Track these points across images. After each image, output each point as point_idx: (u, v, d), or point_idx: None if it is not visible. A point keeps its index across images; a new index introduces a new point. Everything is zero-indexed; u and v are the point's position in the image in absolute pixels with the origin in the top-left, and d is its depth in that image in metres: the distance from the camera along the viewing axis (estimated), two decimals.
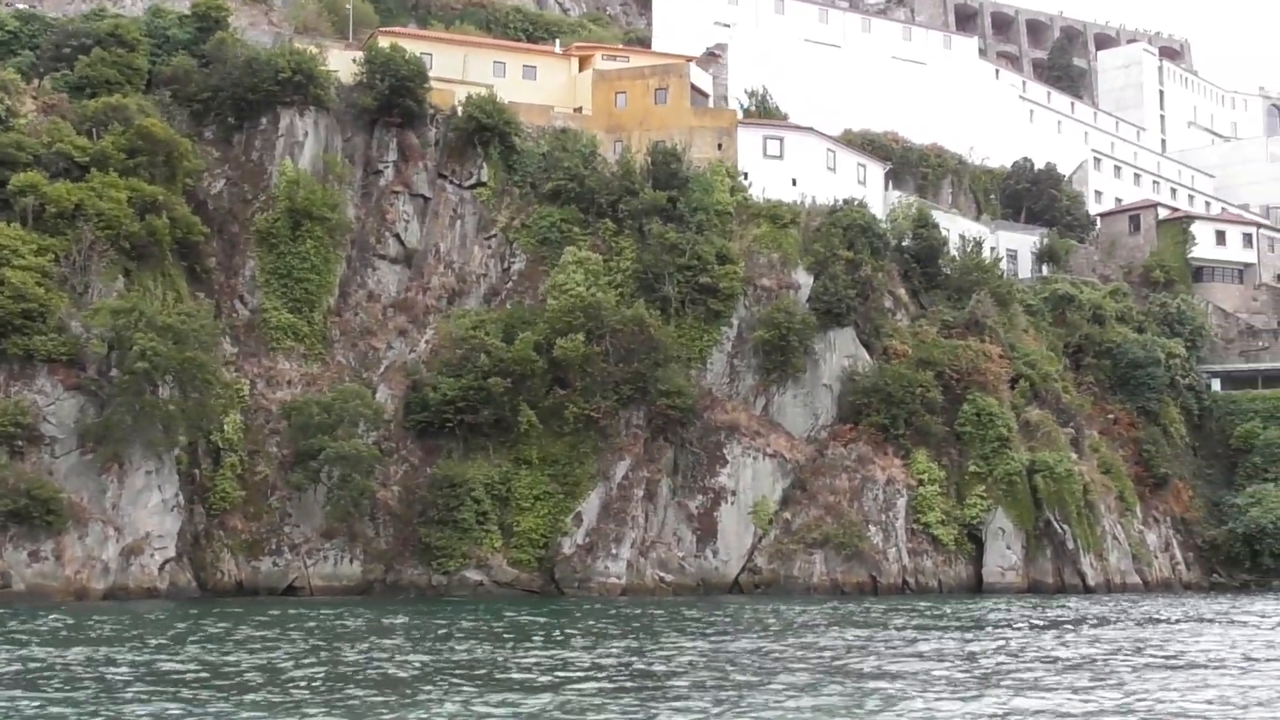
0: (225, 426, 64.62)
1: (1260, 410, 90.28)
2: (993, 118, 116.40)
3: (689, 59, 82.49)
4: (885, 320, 75.70)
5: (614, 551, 67.04)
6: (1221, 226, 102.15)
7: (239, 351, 68.34)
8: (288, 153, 71.48)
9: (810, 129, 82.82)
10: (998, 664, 31.90)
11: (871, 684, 27.51)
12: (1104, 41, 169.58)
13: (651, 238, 72.57)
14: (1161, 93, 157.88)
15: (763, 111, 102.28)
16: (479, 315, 70.90)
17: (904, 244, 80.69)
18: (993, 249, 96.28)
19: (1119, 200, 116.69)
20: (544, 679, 28.43)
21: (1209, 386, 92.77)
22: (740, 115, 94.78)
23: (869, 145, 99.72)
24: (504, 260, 75.02)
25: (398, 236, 73.88)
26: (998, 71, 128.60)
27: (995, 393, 74.10)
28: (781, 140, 79.94)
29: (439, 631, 41.15)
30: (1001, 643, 37.48)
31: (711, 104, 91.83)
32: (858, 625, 44.60)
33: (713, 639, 38.91)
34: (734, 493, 69.80)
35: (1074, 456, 74.85)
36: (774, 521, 69.67)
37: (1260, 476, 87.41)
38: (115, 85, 68.52)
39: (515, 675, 29.29)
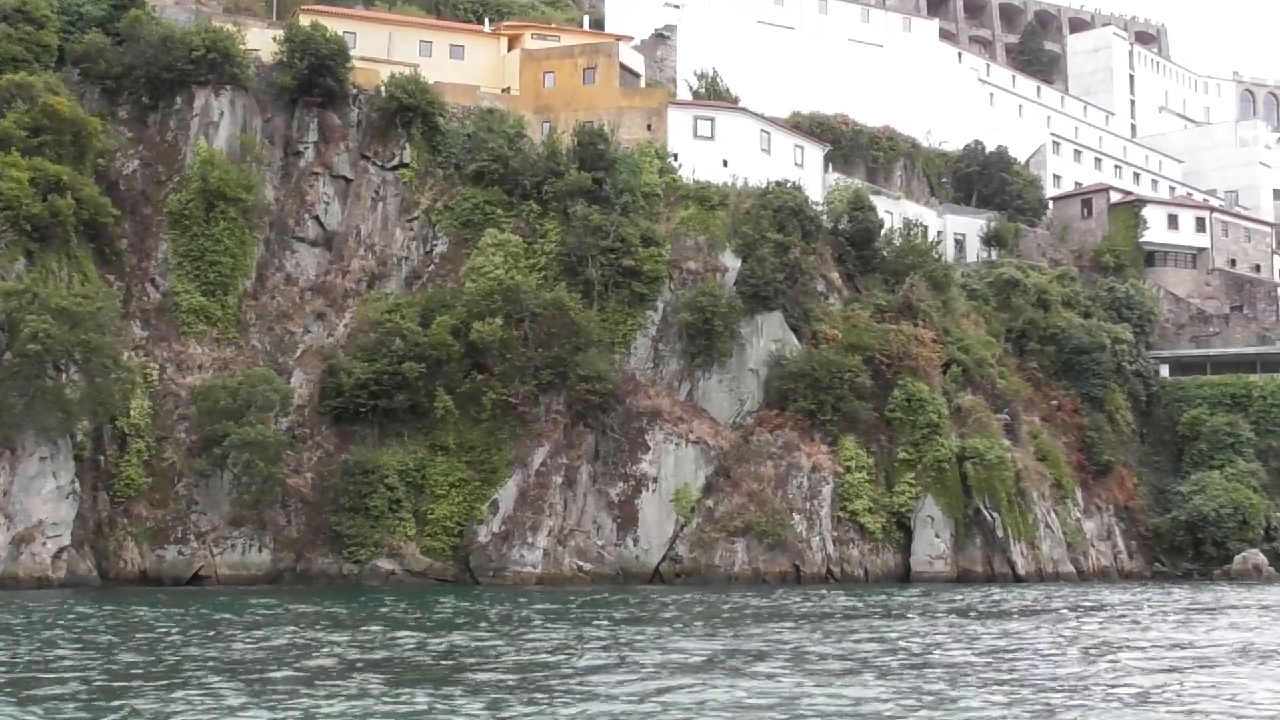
0: (131, 411, 63.18)
1: (1208, 397, 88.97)
2: (951, 101, 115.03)
3: (619, 38, 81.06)
4: (815, 304, 74.29)
5: (530, 540, 65.72)
6: (1174, 211, 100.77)
7: (149, 335, 66.97)
8: (202, 133, 70.04)
9: (743, 109, 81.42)
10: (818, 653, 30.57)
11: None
12: (1079, 26, 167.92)
13: (575, 220, 71.19)
14: (1132, 77, 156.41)
15: (712, 94, 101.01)
16: (396, 298, 69.52)
17: (840, 227, 79.17)
18: (940, 233, 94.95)
19: (1078, 184, 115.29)
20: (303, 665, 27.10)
21: (1157, 373, 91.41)
22: (691, 98, 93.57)
23: (817, 127, 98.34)
24: (426, 243, 73.63)
25: (317, 219, 72.47)
26: (960, 55, 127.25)
27: (927, 378, 72.70)
28: (713, 121, 78.41)
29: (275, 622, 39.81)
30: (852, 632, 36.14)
31: (650, 85, 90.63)
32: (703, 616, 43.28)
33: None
34: (656, 480, 68.40)
35: (1007, 443, 73.44)
36: (696, 509, 68.28)
37: (1206, 464, 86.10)
38: (22, 63, 67.01)
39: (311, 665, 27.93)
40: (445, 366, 67.12)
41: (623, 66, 77.86)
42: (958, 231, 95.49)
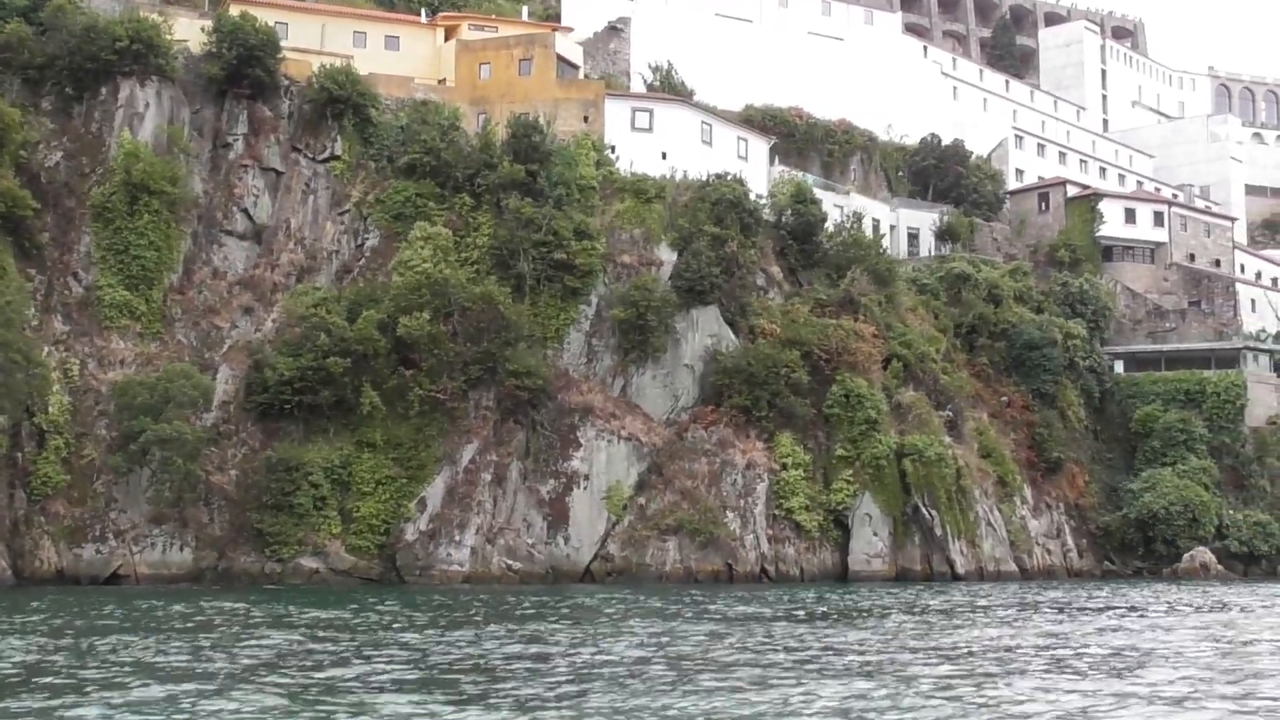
0: (50, 408, 62.01)
1: (1161, 393, 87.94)
2: (912, 95, 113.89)
3: (555, 28, 79.86)
4: (753, 298, 73.13)
5: (458, 538, 64.58)
6: (1132, 205, 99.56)
7: (70, 330, 65.66)
8: (127, 124, 68.75)
9: (683, 101, 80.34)
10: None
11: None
12: (1054, 20, 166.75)
13: (508, 213, 70.04)
14: (1104, 72, 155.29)
15: (666, 87, 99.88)
16: (322, 292, 68.29)
17: (782, 220, 78.01)
18: (892, 227, 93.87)
19: (1041, 179, 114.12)
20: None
21: (1111, 369, 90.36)
22: (645, 91, 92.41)
23: (770, 120, 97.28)
24: (357, 236, 72.44)
25: (246, 212, 71.21)
26: (926, 49, 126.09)
27: (866, 374, 71.56)
28: (651, 112, 77.28)
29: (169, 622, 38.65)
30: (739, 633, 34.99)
31: (607, 79, 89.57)
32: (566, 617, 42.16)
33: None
34: (587, 477, 67.29)
35: (948, 440, 72.33)
36: (628, 507, 67.15)
37: (1158, 461, 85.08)
38: None
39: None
40: (372, 362, 65.98)
41: (560, 58, 76.66)
42: (911, 226, 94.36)
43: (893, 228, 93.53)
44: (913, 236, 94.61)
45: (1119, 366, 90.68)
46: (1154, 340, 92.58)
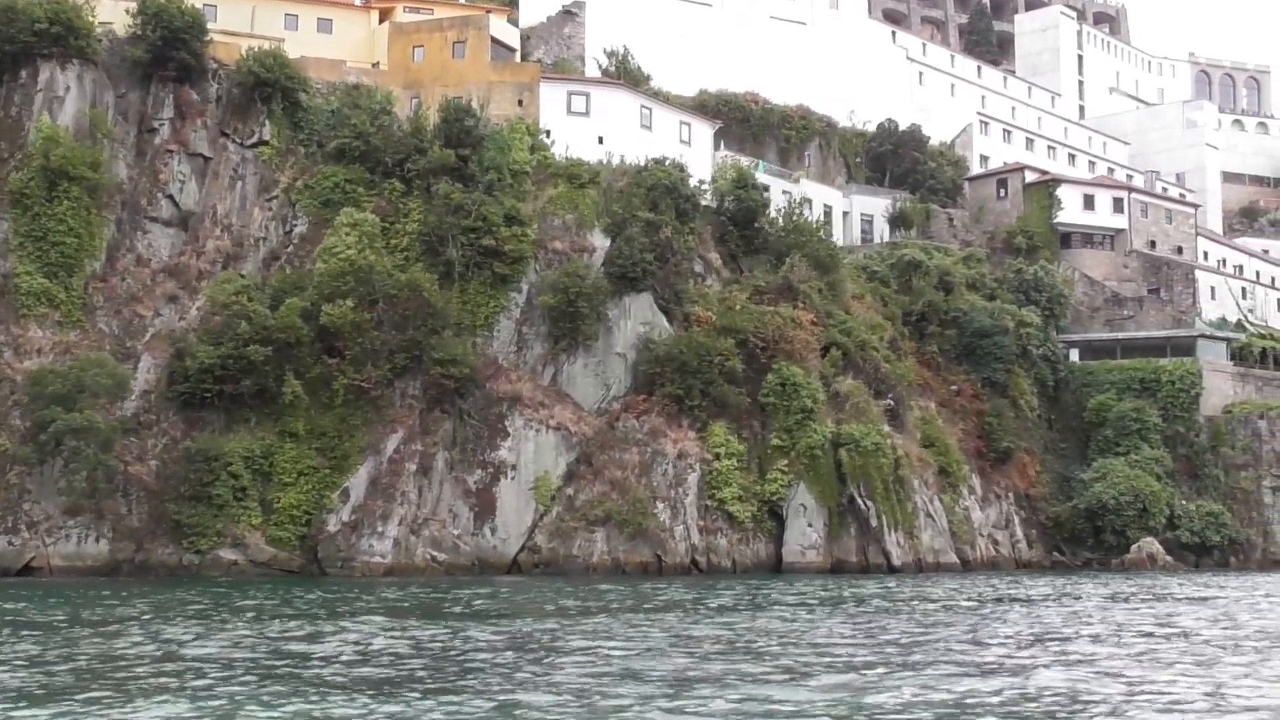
0: None
1: (1116, 381, 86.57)
2: (876, 80, 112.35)
3: (489, 10, 78.42)
4: (688, 285, 71.83)
5: (380, 529, 63.44)
6: (1090, 191, 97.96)
7: None
8: (46, 108, 67.53)
9: (621, 84, 78.96)
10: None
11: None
12: (1034, 5, 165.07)
13: (437, 199, 68.78)
14: (1080, 57, 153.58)
15: (623, 72, 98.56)
16: (244, 280, 67.08)
17: (724, 206, 76.69)
18: (845, 214, 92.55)
19: (1007, 165, 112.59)
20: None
21: (1066, 357, 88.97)
22: (599, 76, 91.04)
23: (724, 106, 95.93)
24: (286, 223, 71.24)
25: (171, 198, 70.01)
26: (894, 34, 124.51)
27: (803, 362, 70.22)
28: (588, 96, 75.92)
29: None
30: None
31: (559, 64, 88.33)
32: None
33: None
34: (515, 467, 66.09)
35: (887, 429, 71.01)
36: (556, 498, 65.93)
37: (1112, 450, 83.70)
38: None
39: None
40: (295, 350, 64.81)
41: (495, 40, 75.34)
42: (865, 212, 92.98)
43: (845, 214, 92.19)
44: (866, 223, 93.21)
45: (1074, 355, 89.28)
46: (1111, 328, 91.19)
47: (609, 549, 64.91)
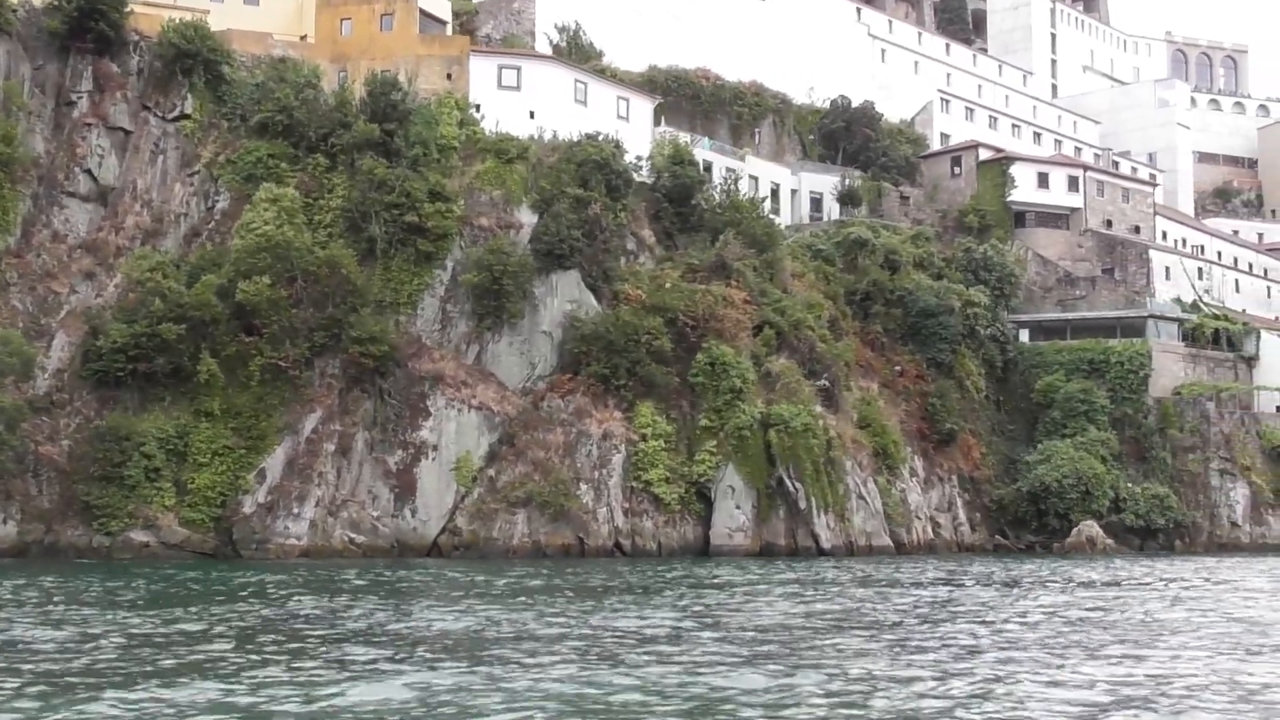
0: None
1: (1065, 362, 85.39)
2: (836, 57, 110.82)
3: None
4: (618, 263, 70.51)
5: (296, 511, 62.27)
6: (1045, 169, 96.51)
7: None
8: None
9: (553, 58, 77.51)
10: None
11: None
12: None
13: (360, 174, 67.42)
14: (1054, 35, 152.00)
15: (574, 48, 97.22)
16: (159, 256, 65.76)
17: (660, 182, 75.30)
18: (794, 191, 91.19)
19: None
20: None
21: (1016, 337, 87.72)
22: (551, 53, 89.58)
23: (674, 82, 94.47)
24: (208, 198, 69.88)
25: (90, 172, 68.63)
26: (860, 10, 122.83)
27: (734, 341, 68.96)
28: (519, 70, 74.46)
29: None
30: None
31: (510, 40, 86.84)
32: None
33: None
34: (436, 448, 64.88)
35: (819, 410, 69.76)
36: (478, 479, 64.75)
37: (1059, 432, 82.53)
38: None
39: None
40: (211, 329, 63.53)
41: (424, 13, 73.88)
42: (814, 190, 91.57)
43: (794, 192, 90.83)
44: (816, 201, 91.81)
45: (1024, 335, 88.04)
46: (1064, 308, 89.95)
47: (530, 531, 63.76)
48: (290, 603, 36.59)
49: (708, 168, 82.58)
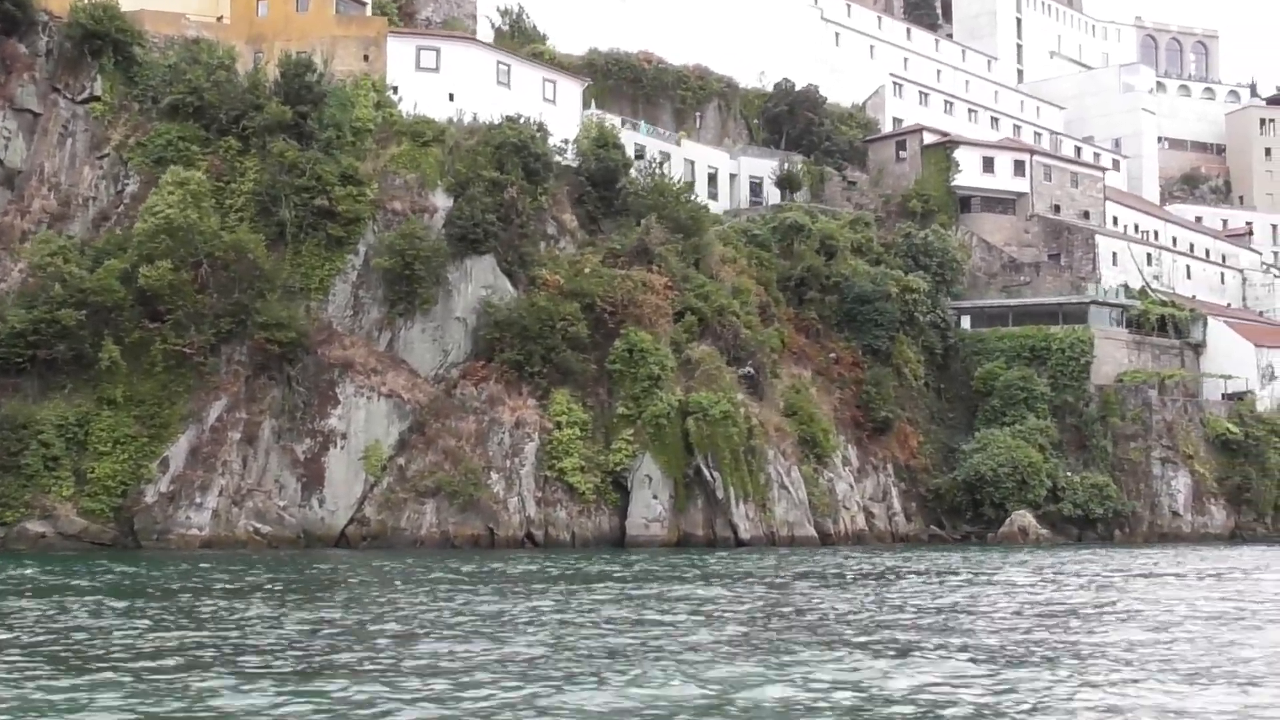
0: None
1: (1006, 349, 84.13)
2: (786, 40, 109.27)
3: None
4: (535, 248, 69.13)
5: (199, 500, 60.94)
6: (990, 154, 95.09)
7: None
8: None
9: (474, 40, 76.08)
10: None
11: None
12: None
13: (271, 157, 66.00)
14: (1019, 20, 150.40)
15: (516, 32, 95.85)
16: (64, 241, 64.36)
17: (584, 166, 73.86)
18: (733, 175, 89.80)
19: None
20: None
21: (957, 324, 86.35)
22: (493, 37, 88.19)
23: (614, 66, 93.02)
24: (117, 182, 68.50)
25: None
26: None
27: (653, 327, 67.62)
28: (438, 52, 72.94)
29: None
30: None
31: (450, 23, 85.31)
32: None
33: None
34: (345, 436, 63.55)
35: (740, 398, 68.41)
36: (387, 468, 63.45)
37: (999, 420, 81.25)
38: None
39: None
40: (113, 314, 62.17)
41: None
42: (754, 175, 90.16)
43: (734, 176, 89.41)
44: (756, 186, 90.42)
45: (966, 322, 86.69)
46: (1008, 294, 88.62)
47: (438, 521, 62.49)
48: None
49: (640, 153, 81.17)
